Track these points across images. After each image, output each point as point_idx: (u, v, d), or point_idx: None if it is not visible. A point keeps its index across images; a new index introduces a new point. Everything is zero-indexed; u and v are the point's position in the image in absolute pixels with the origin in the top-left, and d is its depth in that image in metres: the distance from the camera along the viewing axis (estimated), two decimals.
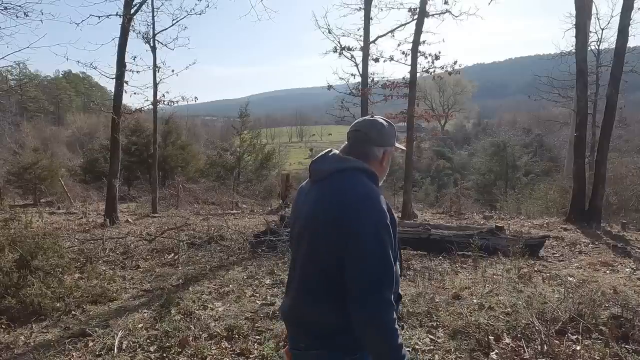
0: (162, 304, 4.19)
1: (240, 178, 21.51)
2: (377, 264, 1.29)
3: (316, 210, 1.41)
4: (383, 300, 1.28)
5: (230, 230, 7.83)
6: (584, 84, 9.86)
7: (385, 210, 1.36)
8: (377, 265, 1.29)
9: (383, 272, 1.30)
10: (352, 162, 1.45)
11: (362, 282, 1.29)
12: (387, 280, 1.29)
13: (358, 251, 1.30)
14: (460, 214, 11.73)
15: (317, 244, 1.39)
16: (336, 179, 1.42)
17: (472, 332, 3.39)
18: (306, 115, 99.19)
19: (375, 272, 1.29)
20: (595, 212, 9.09)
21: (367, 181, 1.42)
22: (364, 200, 1.35)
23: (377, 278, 1.29)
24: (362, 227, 1.31)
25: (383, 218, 1.33)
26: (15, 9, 8.43)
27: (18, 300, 4.00)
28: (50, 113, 57.22)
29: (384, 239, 1.31)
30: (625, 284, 4.80)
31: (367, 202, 1.35)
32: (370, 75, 11.74)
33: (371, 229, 1.30)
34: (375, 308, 1.27)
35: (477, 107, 77.21)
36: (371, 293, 1.27)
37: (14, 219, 5.93)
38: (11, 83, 27.16)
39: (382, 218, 1.33)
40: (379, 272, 1.29)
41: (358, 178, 1.42)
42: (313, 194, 1.47)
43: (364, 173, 1.44)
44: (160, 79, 12.25)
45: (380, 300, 1.27)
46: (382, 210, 1.34)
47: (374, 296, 1.27)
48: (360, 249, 1.30)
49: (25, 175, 16.21)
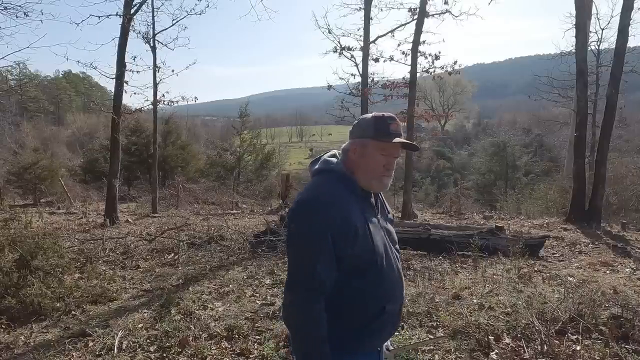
0: (162, 304, 4.19)
1: (240, 178, 21.50)
2: (293, 265, 1.42)
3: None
4: (294, 290, 1.38)
5: (230, 230, 7.83)
6: (584, 84, 9.86)
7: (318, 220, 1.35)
8: (293, 266, 1.42)
9: (297, 273, 1.40)
10: (327, 164, 1.49)
11: (288, 273, 1.43)
12: (303, 281, 1.37)
13: (288, 251, 1.47)
14: (460, 214, 11.72)
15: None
16: (311, 181, 1.50)
17: (472, 332, 3.39)
18: (306, 115, 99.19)
19: (292, 272, 1.41)
20: (595, 212, 9.09)
21: (328, 184, 1.44)
22: (298, 205, 1.42)
23: (292, 279, 1.40)
24: (290, 232, 1.44)
25: (307, 227, 1.37)
26: (15, 9, 8.45)
27: (18, 300, 4.00)
28: (50, 113, 57.20)
29: (299, 238, 1.40)
30: (625, 284, 4.80)
31: (299, 208, 1.41)
32: (370, 75, 11.74)
33: (295, 228, 1.41)
34: (286, 304, 1.41)
35: (477, 107, 77.19)
36: (286, 290, 1.41)
37: (14, 219, 5.92)
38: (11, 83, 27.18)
39: (302, 225, 1.38)
40: (294, 273, 1.41)
41: (323, 181, 1.46)
42: None
43: (332, 175, 1.46)
44: (160, 79, 12.29)
45: (292, 299, 1.38)
46: (312, 219, 1.37)
47: (287, 294, 1.40)
48: (289, 246, 1.45)
49: (25, 175, 16.21)
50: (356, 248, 1.38)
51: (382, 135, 1.44)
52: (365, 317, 1.43)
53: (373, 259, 1.42)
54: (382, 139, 1.44)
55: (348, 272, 1.40)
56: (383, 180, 1.48)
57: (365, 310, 1.43)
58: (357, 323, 1.43)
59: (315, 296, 1.36)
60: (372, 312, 1.44)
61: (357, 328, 1.44)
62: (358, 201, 1.45)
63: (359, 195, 1.47)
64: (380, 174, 1.47)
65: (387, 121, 1.45)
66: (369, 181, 1.47)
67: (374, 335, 1.48)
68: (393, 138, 1.44)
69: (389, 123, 1.45)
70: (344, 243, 1.36)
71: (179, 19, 12.22)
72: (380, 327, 1.47)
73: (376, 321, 1.44)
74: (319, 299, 1.36)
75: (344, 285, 1.41)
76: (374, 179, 1.47)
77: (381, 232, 1.50)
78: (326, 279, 1.36)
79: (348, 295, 1.42)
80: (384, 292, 1.46)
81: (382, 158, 1.45)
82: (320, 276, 1.35)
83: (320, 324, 1.36)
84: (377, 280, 1.43)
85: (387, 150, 1.46)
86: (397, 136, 1.45)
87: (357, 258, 1.40)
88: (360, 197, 1.47)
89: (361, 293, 1.42)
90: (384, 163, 1.46)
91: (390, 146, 1.45)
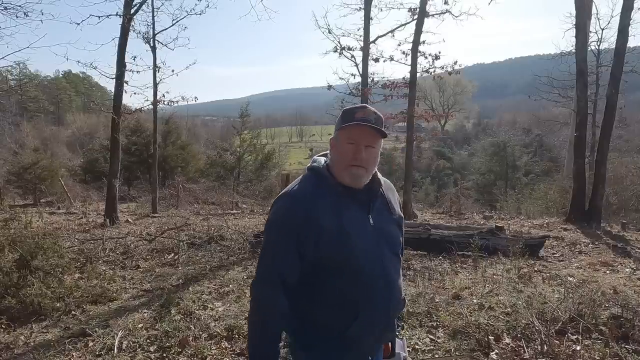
0: (162, 304, 4.19)
1: (240, 178, 21.50)
2: (260, 254, 1.47)
3: None
4: (253, 291, 1.44)
5: (230, 230, 7.83)
6: (584, 84, 9.86)
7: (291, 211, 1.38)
8: (260, 255, 1.47)
9: (259, 266, 1.45)
10: (311, 163, 1.52)
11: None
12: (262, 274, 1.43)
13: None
14: (460, 214, 11.72)
15: None
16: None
17: (472, 332, 3.39)
18: (306, 115, 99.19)
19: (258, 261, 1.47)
20: (595, 212, 9.09)
21: (302, 182, 1.46)
22: (275, 199, 1.47)
23: (256, 272, 1.47)
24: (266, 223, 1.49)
25: (278, 216, 1.41)
26: (15, 9, 8.44)
27: (18, 300, 4.00)
28: (50, 113, 57.23)
29: (270, 234, 1.43)
30: (625, 284, 4.80)
31: (275, 201, 1.46)
32: (370, 75, 11.74)
33: (267, 223, 1.46)
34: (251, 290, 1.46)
35: (477, 107, 77.20)
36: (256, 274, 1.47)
37: (14, 219, 5.92)
38: (11, 83, 27.14)
39: (278, 216, 1.42)
40: (257, 266, 1.46)
41: (300, 179, 1.48)
42: None
43: (312, 173, 1.47)
44: (160, 79, 12.29)
45: (254, 283, 1.44)
46: (274, 213, 1.43)
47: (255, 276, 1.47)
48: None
49: (25, 175, 16.22)
50: (323, 249, 1.33)
51: (345, 123, 1.40)
52: (341, 319, 1.37)
53: (348, 261, 1.34)
54: (343, 125, 1.40)
55: (319, 273, 1.37)
56: (352, 170, 1.38)
57: (342, 311, 1.37)
58: (334, 325, 1.38)
59: (270, 286, 1.38)
60: (348, 313, 1.36)
61: (336, 332, 1.37)
62: (337, 200, 1.38)
63: (339, 193, 1.39)
64: (348, 163, 1.38)
65: (353, 110, 1.42)
66: (341, 174, 1.40)
67: (357, 340, 1.39)
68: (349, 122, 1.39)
69: (355, 112, 1.40)
70: (307, 242, 1.34)
71: (179, 19, 12.24)
72: (360, 332, 1.38)
73: (353, 325, 1.36)
74: (274, 290, 1.37)
75: (316, 286, 1.38)
76: (344, 170, 1.39)
77: (370, 234, 1.40)
78: (284, 272, 1.38)
79: (321, 293, 1.38)
80: (360, 298, 1.37)
81: (350, 147, 1.38)
82: (278, 267, 1.38)
83: (270, 315, 1.38)
84: (354, 280, 1.36)
85: (353, 137, 1.38)
86: (364, 122, 1.38)
87: (328, 259, 1.34)
88: (342, 195, 1.40)
89: (336, 292, 1.37)
90: (352, 152, 1.38)
91: (355, 131, 1.38)
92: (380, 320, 1.44)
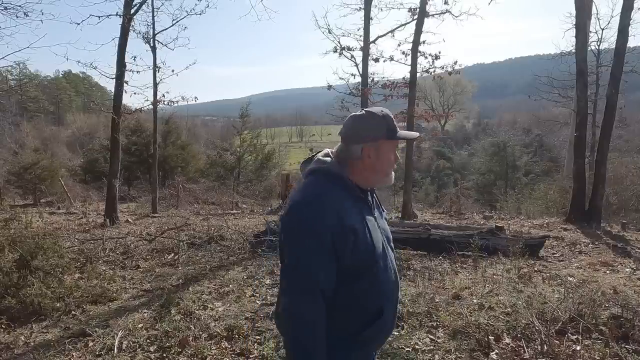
0: (162, 304, 4.19)
1: (240, 178, 21.51)
2: (289, 268, 1.36)
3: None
4: (291, 302, 1.32)
5: (230, 230, 7.83)
6: (584, 84, 9.86)
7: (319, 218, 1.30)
8: (289, 268, 1.36)
9: (293, 276, 1.34)
10: (321, 163, 1.43)
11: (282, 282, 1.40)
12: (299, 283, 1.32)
13: (286, 249, 1.37)
14: (460, 214, 11.72)
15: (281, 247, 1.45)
16: (304, 182, 1.43)
17: (472, 332, 3.39)
18: (306, 115, 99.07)
19: (287, 275, 1.37)
20: (595, 212, 9.08)
21: (323, 184, 1.38)
22: (298, 204, 1.36)
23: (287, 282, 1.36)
24: (289, 231, 1.36)
25: (308, 224, 1.31)
26: (15, 9, 8.44)
27: (18, 300, 4.00)
28: (50, 113, 57.22)
29: (302, 244, 1.32)
30: (625, 284, 4.80)
31: (300, 207, 1.35)
32: (370, 75, 11.73)
33: (294, 233, 1.34)
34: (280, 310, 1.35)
35: (477, 107, 77.12)
36: (282, 294, 1.36)
37: (14, 219, 5.93)
38: (11, 83, 27.16)
39: (307, 224, 1.31)
40: (290, 276, 1.36)
41: (315, 182, 1.40)
42: None
43: (327, 176, 1.40)
44: (160, 79, 12.30)
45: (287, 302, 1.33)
46: (311, 218, 1.31)
47: (281, 299, 1.36)
48: (287, 248, 1.37)
49: (26, 175, 16.22)
50: (357, 254, 1.34)
51: (394, 133, 1.44)
52: (361, 321, 1.38)
53: (372, 259, 1.38)
54: (394, 137, 1.45)
55: (347, 274, 1.35)
56: (391, 174, 1.50)
57: (363, 313, 1.38)
58: (353, 328, 1.38)
59: (312, 299, 1.30)
60: (369, 314, 1.38)
61: (351, 333, 1.38)
62: (356, 201, 1.41)
63: (357, 195, 1.43)
64: (391, 169, 1.49)
65: (391, 119, 1.45)
66: (382, 179, 1.48)
67: (369, 340, 1.42)
68: (398, 133, 1.46)
69: (392, 120, 1.45)
70: (344, 245, 1.31)
71: (179, 19, 12.25)
72: (376, 331, 1.42)
73: (372, 325, 1.39)
74: (317, 302, 1.30)
75: (340, 288, 1.35)
76: (387, 175, 1.48)
77: (379, 231, 1.45)
78: (324, 281, 1.31)
79: (344, 297, 1.36)
80: (383, 293, 1.42)
81: (392, 154, 1.48)
82: (318, 277, 1.30)
83: (317, 330, 1.30)
84: (375, 281, 1.39)
85: (395, 145, 1.50)
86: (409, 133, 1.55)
87: (358, 260, 1.35)
88: (358, 197, 1.43)
89: (358, 295, 1.37)
90: (393, 157, 1.48)
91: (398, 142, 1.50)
92: (393, 319, 1.50)
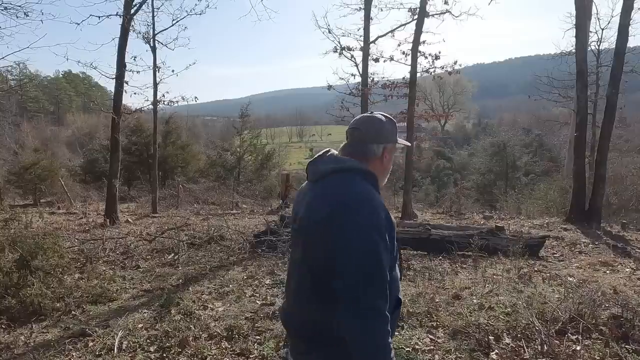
0: (162, 304, 4.19)
1: (240, 178, 21.52)
2: (367, 269, 1.22)
3: (310, 211, 1.38)
4: (372, 309, 1.20)
5: (230, 230, 7.82)
6: (584, 84, 9.86)
7: (381, 211, 1.30)
8: (368, 271, 1.22)
9: (373, 278, 1.22)
10: (348, 162, 1.40)
11: (349, 287, 1.22)
12: (378, 287, 1.22)
13: (347, 250, 1.24)
14: (460, 214, 11.72)
15: (312, 247, 1.35)
16: (331, 180, 1.38)
17: (472, 332, 3.39)
18: (306, 115, 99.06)
19: (366, 277, 1.22)
20: (595, 212, 9.09)
21: (362, 182, 1.37)
22: (357, 199, 1.29)
23: (367, 279, 1.21)
24: (353, 226, 1.25)
25: (375, 218, 1.27)
26: (15, 9, 8.43)
27: (18, 300, 4.00)
28: (50, 113, 57.27)
29: (375, 239, 1.24)
30: (625, 284, 4.80)
31: (360, 201, 1.29)
32: (370, 75, 11.76)
33: (362, 228, 1.25)
34: (364, 318, 1.20)
35: (477, 107, 77.19)
36: (358, 301, 1.20)
37: (14, 219, 5.94)
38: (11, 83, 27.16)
39: (373, 218, 1.27)
40: (369, 278, 1.22)
41: (353, 179, 1.37)
42: (309, 195, 1.43)
43: (360, 173, 1.39)
44: (160, 79, 12.30)
45: (369, 309, 1.20)
46: (376, 211, 1.28)
47: (362, 304, 1.20)
48: (349, 248, 1.24)
49: (26, 175, 16.21)
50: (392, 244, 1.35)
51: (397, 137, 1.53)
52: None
53: (395, 254, 1.42)
54: (400, 141, 1.53)
55: None
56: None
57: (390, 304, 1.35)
58: None
59: (385, 306, 1.23)
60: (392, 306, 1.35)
61: None
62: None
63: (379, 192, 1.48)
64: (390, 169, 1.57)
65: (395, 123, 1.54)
66: (385, 180, 1.54)
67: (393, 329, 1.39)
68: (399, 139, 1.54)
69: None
70: (392, 239, 1.32)
71: (179, 19, 12.24)
72: (395, 321, 1.44)
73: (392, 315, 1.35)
74: (387, 309, 1.24)
75: None
76: (387, 175, 1.56)
77: None
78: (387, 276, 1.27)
79: None
80: (398, 287, 1.45)
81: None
82: (387, 280, 1.25)
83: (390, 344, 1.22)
84: (394, 275, 1.39)
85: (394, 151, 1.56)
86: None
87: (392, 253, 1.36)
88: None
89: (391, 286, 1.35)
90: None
91: None
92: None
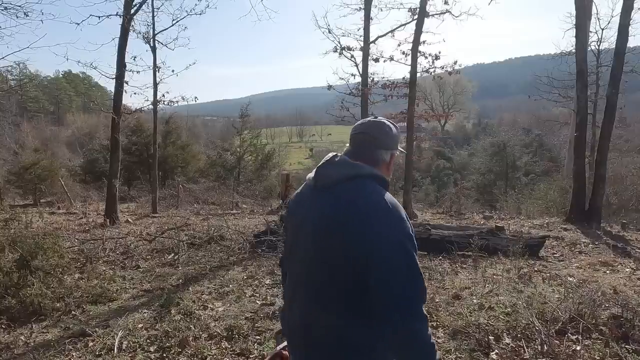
0: (162, 304, 4.19)
1: (240, 178, 21.53)
2: (409, 276, 1.23)
3: (327, 219, 1.31)
4: (420, 314, 1.23)
5: (230, 230, 7.82)
6: (584, 84, 9.86)
7: (408, 220, 1.30)
8: (410, 278, 1.23)
9: (416, 284, 1.24)
10: (362, 168, 1.37)
11: (396, 296, 1.22)
12: (421, 292, 1.26)
13: (387, 265, 1.22)
14: (460, 214, 11.72)
15: (332, 256, 1.30)
16: (347, 187, 1.33)
17: (472, 332, 3.39)
18: (306, 115, 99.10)
19: (410, 285, 1.23)
20: (595, 212, 9.08)
21: (380, 189, 1.34)
22: (385, 209, 1.27)
23: (412, 291, 1.23)
24: (387, 238, 1.24)
25: (406, 227, 1.27)
26: (15, 9, 8.43)
27: (18, 300, 4.01)
28: (50, 113, 57.27)
29: (410, 249, 1.25)
30: (625, 284, 4.80)
31: (389, 211, 1.27)
32: (370, 75, 11.76)
33: (397, 240, 1.24)
34: (415, 324, 1.22)
35: (477, 107, 77.20)
36: (407, 308, 1.22)
37: (14, 219, 5.93)
38: (11, 83, 27.18)
39: (405, 227, 1.27)
40: (412, 285, 1.23)
41: (371, 186, 1.34)
42: (321, 202, 1.35)
43: (375, 180, 1.37)
44: (160, 79, 12.30)
45: (418, 314, 1.23)
46: (404, 219, 1.28)
47: (411, 311, 1.22)
48: (391, 259, 1.22)
49: (26, 175, 16.21)
50: None
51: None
52: None
53: None
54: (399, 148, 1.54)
55: None
56: None
57: None
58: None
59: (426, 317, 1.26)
60: None
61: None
62: None
63: None
64: None
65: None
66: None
67: None
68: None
69: None
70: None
71: (179, 19, 12.24)
72: None
73: None
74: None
75: None
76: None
77: None
78: None
79: None
80: None
81: None
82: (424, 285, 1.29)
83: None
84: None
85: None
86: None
87: None
88: None
89: None
90: None
91: None
92: None
